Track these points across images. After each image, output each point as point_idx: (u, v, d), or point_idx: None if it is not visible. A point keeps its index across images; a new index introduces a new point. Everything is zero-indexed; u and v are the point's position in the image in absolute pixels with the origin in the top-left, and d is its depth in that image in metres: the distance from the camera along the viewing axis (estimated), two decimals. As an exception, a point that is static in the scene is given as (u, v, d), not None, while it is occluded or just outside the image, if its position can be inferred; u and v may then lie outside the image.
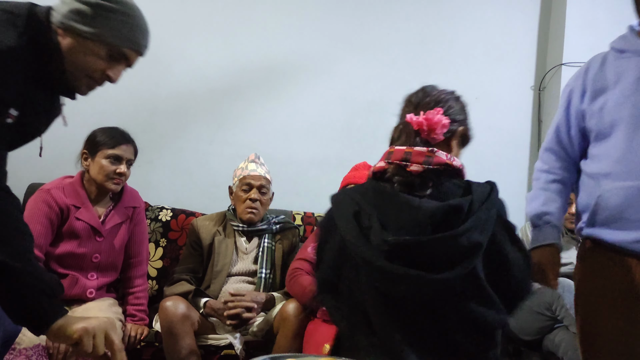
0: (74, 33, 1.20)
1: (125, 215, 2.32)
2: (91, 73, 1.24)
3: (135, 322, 2.27)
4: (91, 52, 1.22)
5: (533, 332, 2.61)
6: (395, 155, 1.24)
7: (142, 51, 1.30)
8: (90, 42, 1.21)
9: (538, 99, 3.51)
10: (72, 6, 1.20)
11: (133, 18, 1.25)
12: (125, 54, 1.26)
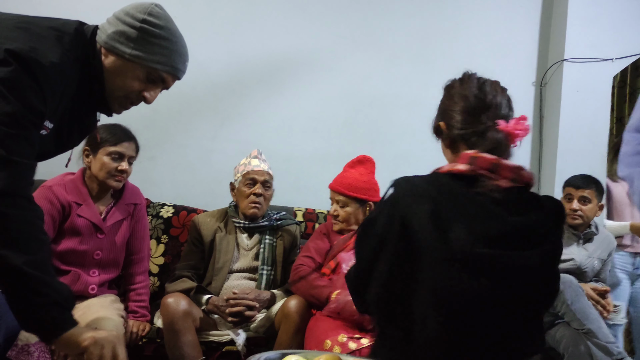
0: (116, 54, 1.26)
1: (126, 212, 2.33)
2: (128, 93, 1.29)
3: (136, 319, 2.27)
4: (130, 73, 1.27)
5: (534, 327, 2.61)
6: (481, 163, 1.20)
7: (179, 75, 1.35)
8: (130, 64, 1.26)
9: (540, 95, 3.50)
10: (117, 28, 1.26)
11: (174, 44, 1.30)
12: (163, 77, 1.31)
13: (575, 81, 3.35)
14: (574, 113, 3.34)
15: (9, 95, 1.10)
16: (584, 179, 2.82)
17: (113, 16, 1.30)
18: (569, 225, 2.82)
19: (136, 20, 1.26)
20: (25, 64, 1.12)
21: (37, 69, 1.14)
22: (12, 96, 1.11)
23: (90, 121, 1.41)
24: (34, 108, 1.15)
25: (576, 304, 2.45)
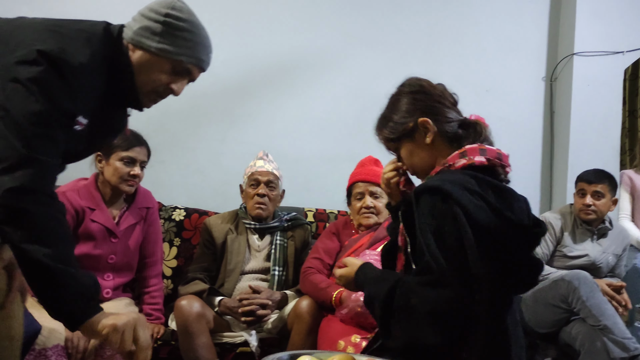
0: (142, 49, 1.29)
1: (139, 215, 2.34)
2: (156, 87, 1.32)
3: (151, 321, 2.29)
4: (157, 67, 1.30)
5: (549, 324, 2.59)
6: (491, 153, 1.32)
7: (204, 67, 1.39)
8: (156, 58, 1.29)
9: (550, 90, 3.47)
10: (142, 23, 1.29)
11: (197, 36, 1.33)
12: (188, 69, 1.33)
13: (586, 75, 3.32)
14: (585, 107, 3.31)
15: (39, 94, 1.13)
16: (596, 173, 2.79)
17: (138, 13, 1.33)
18: (583, 221, 2.80)
19: (160, 15, 1.29)
20: (55, 64, 1.15)
21: (66, 69, 1.16)
22: (42, 95, 1.14)
23: (121, 120, 1.45)
24: (63, 107, 1.18)
25: (591, 300, 2.43)
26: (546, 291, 2.58)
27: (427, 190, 1.21)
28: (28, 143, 1.12)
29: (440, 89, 1.42)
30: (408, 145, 1.38)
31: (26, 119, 1.12)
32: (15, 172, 1.10)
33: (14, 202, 1.09)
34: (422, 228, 1.18)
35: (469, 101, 3.56)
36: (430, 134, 1.35)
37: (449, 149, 1.35)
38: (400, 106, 1.39)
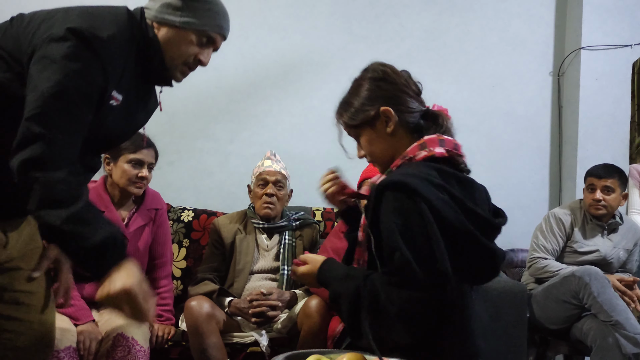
0: (167, 25, 1.34)
1: (148, 217, 2.36)
2: (186, 59, 1.37)
3: (162, 322, 2.30)
4: (184, 40, 1.34)
5: (560, 321, 2.58)
6: (449, 144, 1.31)
7: (225, 34, 1.44)
8: (182, 31, 1.34)
9: (557, 85, 3.45)
10: (163, 1, 1.34)
11: (215, 5, 1.39)
12: (213, 38, 1.39)
13: (594, 69, 3.30)
14: (593, 102, 3.29)
15: (67, 69, 1.16)
16: (606, 168, 2.78)
17: None
18: (593, 216, 2.78)
19: None
20: (85, 39, 1.18)
21: (96, 43, 1.19)
22: (70, 70, 1.16)
23: (154, 99, 1.50)
24: (94, 81, 1.21)
25: (602, 295, 2.42)
26: (557, 287, 2.57)
27: (391, 185, 1.19)
28: (46, 117, 1.14)
29: (404, 77, 1.39)
30: (368, 133, 1.37)
31: (50, 94, 1.15)
32: (28, 146, 1.13)
33: (27, 174, 1.13)
34: (389, 228, 1.16)
35: (476, 98, 3.58)
36: (391, 123, 1.33)
37: (409, 140, 1.34)
38: (362, 92, 1.37)
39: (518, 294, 2.51)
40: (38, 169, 1.13)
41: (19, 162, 1.13)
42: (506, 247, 3.18)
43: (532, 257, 2.76)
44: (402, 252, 1.13)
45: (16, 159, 1.13)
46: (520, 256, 3.12)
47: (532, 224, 2.92)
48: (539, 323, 2.65)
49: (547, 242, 2.75)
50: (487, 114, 3.37)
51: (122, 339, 1.99)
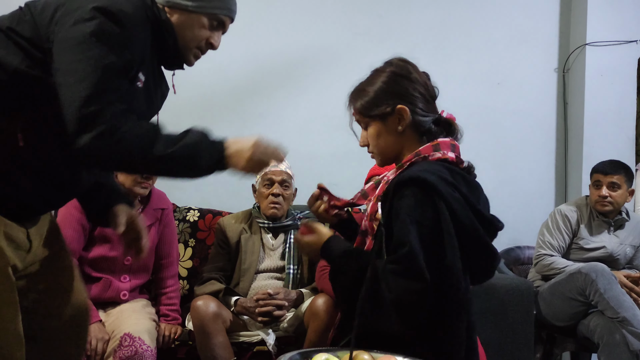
0: (179, 9, 1.35)
1: (154, 217, 2.36)
2: (198, 43, 1.39)
3: (168, 322, 2.31)
4: (197, 23, 1.36)
5: (567, 317, 2.57)
6: (457, 150, 1.36)
7: (233, 17, 1.46)
8: (194, 15, 1.35)
9: (563, 81, 3.44)
10: None
11: None
12: (222, 20, 1.41)
13: (599, 65, 3.28)
14: (598, 98, 3.28)
15: (100, 46, 1.17)
16: (612, 164, 2.77)
17: None
18: (599, 213, 2.77)
19: None
20: (111, 15, 1.20)
21: (122, 17, 1.21)
22: (103, 46, 1.18)
23: (164, 85, 1.51)
24: (124, 57, 1.22)
25: (609, 292, 2.41)
26: (563, 284, 2.56)
27: (410, 181, 1.22)
28: (97, 94, 1.15)
29: (424, 80, 1.41)
30: (378, 126, 1.37)
31: (91, 72, 1.16)
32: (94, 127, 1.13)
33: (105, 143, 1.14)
34: (404, 220, 1.19)
35: (480, 95, 3.57)
36: (404, 122, 1.34)
37: (417, 141, 1.36)
38: (381, 85, 1.38)
39: (524, 291, 2.51)
40: (114, 133, 1.15)
41: (89, 140, 1.13)
42: (512, 244, 3.18)
43: (538, 254, 2.76)
44: (411, 245, 1.15)
45: (83, 140, 1.13)
46: (526, 253, 3.11)
47: (538, 221, 2.92)
48: (545, 320, 2.64)
49: (553, 239, 2.74)
50: (492, 110, 3.35)
51: (129, 339, 2.00)
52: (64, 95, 1.15)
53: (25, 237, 1.30)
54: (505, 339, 2.47)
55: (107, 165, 1.21)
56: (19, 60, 1.20)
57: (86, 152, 1.15)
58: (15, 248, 1.26)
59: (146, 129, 1.21)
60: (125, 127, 1.17)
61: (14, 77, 1.19)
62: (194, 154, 1.23)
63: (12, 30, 1.22)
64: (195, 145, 1.24)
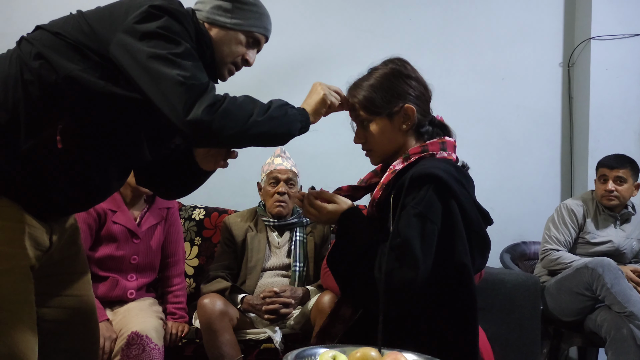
0: (218, 26, 1.40)
1: (159, 216, 2.37)
2: (234, 59, 1.44)
3: (175, 320, 2.32)
4: (234, 40, 1.42)
5: (574, 312, 2.57)
6: (455, 150, 1.41)
7: (268, 35, 1.52)
8: (232, 32, 1.41)
9: (568, 76, 3.42)
10: (214, 3, 1.40)
11: (261, 8, 1.47)
12: (258, 39, 1.47)
13: (604, 59, 3.26)
14: (604, 92, 3.26)
15: (173, 36, 1.23)
16: (617, 158, 2.76)
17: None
18: (605, 207, 2.76)
19: None
20: (172, 14, 1.25)
21: (181, 17, 1.28)
22: (177, 36, 1.23)
23: None
24: (191, 44, 1.28)
25: (616, 286, 2.41)
26: (570, 279, 2.55)
27: (428, 178, 1.24)
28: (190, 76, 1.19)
29: (423, 81, 1.45)
30: (383, 123, 1.39)
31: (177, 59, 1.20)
32: (193, 105, 1.18)
33: (212, 116, 1.19)
34: (409, 211, 1.23)
35: (485, 90, 3.56)
36: (409, 122, 1.38)
37: (415, 141, 1.41)
38: (389, 84, 1.39)
39: (531, 287, 2.51)
40: (220, 104, 1.20)
41: (201, 112, 1.17)
42: (518, 240, 3.17)
43: (544, 249, 2.75)
44: (407, 236, 1.19)
45: (193, 114, 1.17)
46: (532, 248, 3.11)
47: (544, 216, 2.91)
48: (552, 315, 2.64)
49: (559, 234, 2.74)
50: (497, 106, 3.35)
51: (136, 338, 2.01)
52: (157, 86, 1.18)
53: (48, 238, 1.32)
54: (512, 335, 2.47)
55: (219, 136, 1.22)
56: (73, 65, 1.22)
57: (199, 126, 1.18)
58: (36, 248, 1.28)
59: (242, 98, 1.28)
60: (226, 98, 1.23)
61: (64, 81, 1.21)
62: (286, 112, 1.33)
63: (65, 35, 1.24)
64: (283, 105, 1.34)
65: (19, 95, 1.20)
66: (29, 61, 1.21)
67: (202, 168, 1.49)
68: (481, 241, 1.31)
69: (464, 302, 1.25)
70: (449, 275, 1.23)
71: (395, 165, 1.35)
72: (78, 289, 1.46)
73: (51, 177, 1.25)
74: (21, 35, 1.31)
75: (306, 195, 1.41)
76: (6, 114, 1.20)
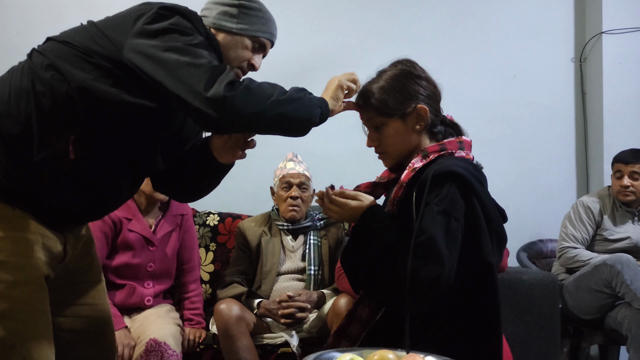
0: (224, 31, 1.42)
1: (174, 223, 2.38)
2: (240, 63, 1.45)
3: (192, 326, 2.33)
4: (240, 45, 1.43)
5: (593, 310, 2.54)
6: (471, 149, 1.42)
7: (274, 40, 1.53)
8: (238, 37, 1.42)
9: (580, 71, 3.39)
10: (220, 9, 1.42)
11: (266, 14, 1.48)
12: (264, 43, 1.48)
13: (616, 53, 3.23)
14: (617, 86, 3.23)
15: (186, 30, 1.24)
16: (633, 153, 2.73)
17: (210, 2, 1.45)
18: (622, 203, 2.73)
19: (234, 0, 1.42)
20: (182, 13, 1.27)
21: (192, 16, 1.30)
22: (190, 31, 1.25)
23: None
24: (206, 43, 1.29)
25: (636, 283, 2.38)
26: (588, 277, 2.53)
27: (450, 175, 1.24)
28: (206, 63, 1.20)
29: (433, 81, 1.45)
30: (397, 125, 1.38)
31: (193, 48, 1.21)
32: (212, 85, 1.17)
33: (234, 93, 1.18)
34: (432, 208, 1.22)
35: (496, 88, 3.54)
36: (422, 122, 1.38)
37: (428, 141, 1.40)
38: (400, 85, 1.39)
39: (549, 285, 2.48)
40: (239, 84, 1.20)
41: (222, 89, 1.16)
42: (534, 238, 3.14)
43: (561, 246, 2.73)
44: (431, 233, 1.19)
45: (210, 96, 1.16)
46: (549, 246, 3.08)
47: (560, 213, 2.88)
48: (571, 314, 2.61)
49: (576, 231, 2.71)
50: (510, 104, 3.32)
51: (154, 344, 2.02)
52: (174, 75, 1.18)
53: (62, 248, 1.32)
54: (531, 334, 2.44)
55: (240, 115, 1.20)
56: (84, 74, 1.22)
57: (221, 102, 1.16)
58: (50, 258, 1.28)
59: (261, 82, 1.28)
60: (246, 79, 1.25)
61: (76, 91, 1.21)
62: (305, 96, 1.32)
63: (74, 44, 1.25)
64: (302, 90, 1.33)
65: (31, 107, 1.21)
66: (40, 72, 1.22)
67: (220, 162, 1.48)
68: (499, 239, 1.31)
69: (488, 302, 1.25)
70: (474, 274, 1.23)
71: (414, 163, 1.34)
72: (93, 298, 1.46)
73: (64, 187, 1.25)
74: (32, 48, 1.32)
75: (325, 192, 1.39)
76: (19, 125, 1.21)
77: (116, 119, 1.25)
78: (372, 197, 1.39)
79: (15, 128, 1.21)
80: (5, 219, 1.22)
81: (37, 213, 1.25)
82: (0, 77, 1.31)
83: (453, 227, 1.20)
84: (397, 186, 1.36)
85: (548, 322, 2.45)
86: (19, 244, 1.22)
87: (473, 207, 1.23)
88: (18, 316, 1.21)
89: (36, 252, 1.24)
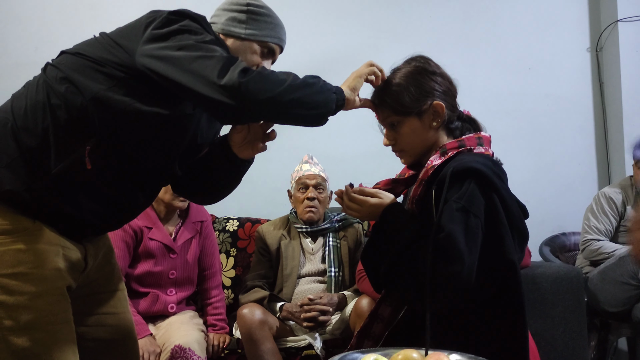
0: (233, 37, 1.44)
1: (194, 230, 2.40)
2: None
3: (216, 332, 2.34)
4: (249, 50, 1.44)
5: (620, 303, 2.50)
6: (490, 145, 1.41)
7: (283, 46, 1.53)
8: (247, 42, 1.44)
9: (596, 61, 3.34)
10: (229, 15, 1.44)
11: (275, 19, 1.49)
12: (273, 49, 1.49)
13: (633, 41, 3.19)
14: (635, 75, 3.18)
15: (197, 30, 1.26)
16: (655, 142, 2.68)
17: (218, 9, 1.48)
18: (644, 192, 2.69)
19: (243, 6, 1.44)
20: (192, 17, 1.29)
21: (202, 20, 1.32)
22: (201, 30, 1.27)
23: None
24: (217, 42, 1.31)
25: (663, 273, 2.34)
26: (613, 269, 2.49)
27: (470, 172, 1.23)
28: (219, 56, 1.21)
29: (448, 77, 1.43)
30: (414, 123, 1.37)
31: (206, 44, 1.23)
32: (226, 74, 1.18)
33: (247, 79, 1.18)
34: (451, 205, 1.21)
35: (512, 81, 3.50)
36: (439, 119, 1.36)
37: (445, 137, 1.39)
38: (415, 82, 1.38)
39: (574, 279, 2.45)
40: (253, 71, 1.20)
41: (236, 76, 1.16)
42: (557, 231, 3.10)
43: (585, 239, 2.69)
44: (451, 230, 1.17)
45: (224, 83, 1.16)
46: (572, 239, 3.04)
47: (582, 206, 2.84)
48: (598, 307, 2.57)
49: (599, 223, 2.67)
50: (526, 97, 3.29)
51: (180, 351, 2.03)
52: (187, 70, 1.19)
53: (82, 258, 1.34)
54: (557, 329, 2.41)
55: (255, 101, 1.19)
56: (98, 85, 1.23)
57: (235, 89, 1.16)
58: (71, 268, 1.30)
59: (271, 70, 1.28)
60: (258, 69, 1.25)
61: (90, 103, 1.22)
62: (319, 81, 1.32)
63: (85, 54, 1.27)
64: (316, 77, 1.33)
65: (48, 120, 1.23)
66: (55, 85, 1.24)
67: (240, 158, 1.47)
68: (521, 235, 1.30)
69: (512, 300, 1.23)
70: (496, 272, 1.21)
71: (432, 161, 1.33)
72: (115, 307, 1.48)
73: (82, 198, 1.27)
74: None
75: (345, 191, 1.37)
76: (36, 138, 1.23)
77: (131, 129, 1.26)
78: (392, 195, 1.37)
79: (32, 141, 1.23)
80: (26, 231, 1.23)
81: (57, 224, 1.27)
82: (17, 91, 1.33)
83: (472, 224, 1.18)
84: (416, 184, 1.35)
85: (574, 317, 2.42)
86: (41, 256, 1.24)
87: (493, 203, 1.22)
88: (42, 326, 1.22)
89: (57, 263, 1.25)
